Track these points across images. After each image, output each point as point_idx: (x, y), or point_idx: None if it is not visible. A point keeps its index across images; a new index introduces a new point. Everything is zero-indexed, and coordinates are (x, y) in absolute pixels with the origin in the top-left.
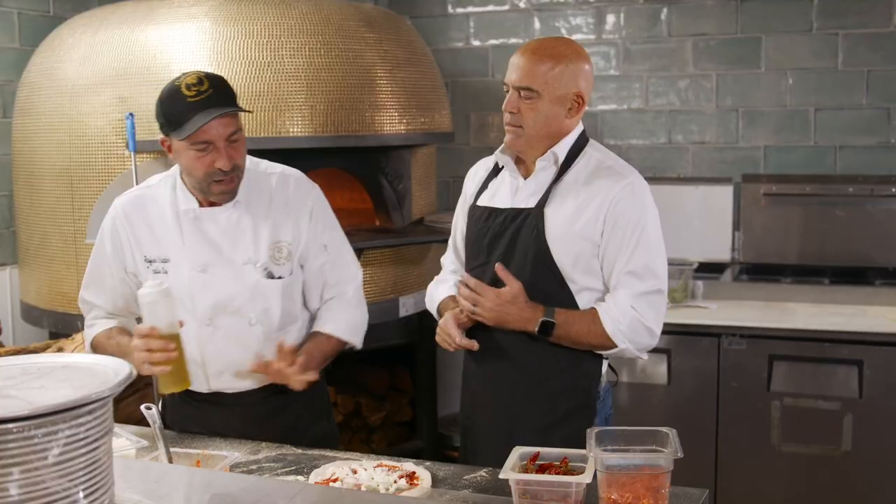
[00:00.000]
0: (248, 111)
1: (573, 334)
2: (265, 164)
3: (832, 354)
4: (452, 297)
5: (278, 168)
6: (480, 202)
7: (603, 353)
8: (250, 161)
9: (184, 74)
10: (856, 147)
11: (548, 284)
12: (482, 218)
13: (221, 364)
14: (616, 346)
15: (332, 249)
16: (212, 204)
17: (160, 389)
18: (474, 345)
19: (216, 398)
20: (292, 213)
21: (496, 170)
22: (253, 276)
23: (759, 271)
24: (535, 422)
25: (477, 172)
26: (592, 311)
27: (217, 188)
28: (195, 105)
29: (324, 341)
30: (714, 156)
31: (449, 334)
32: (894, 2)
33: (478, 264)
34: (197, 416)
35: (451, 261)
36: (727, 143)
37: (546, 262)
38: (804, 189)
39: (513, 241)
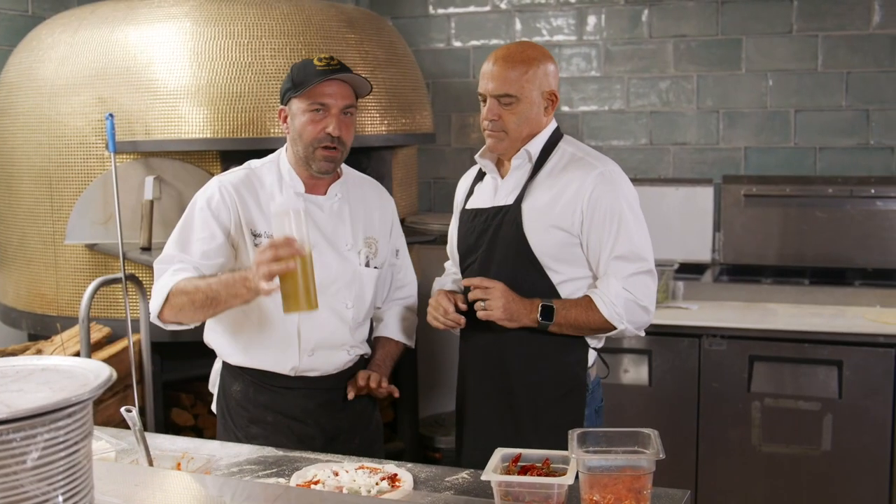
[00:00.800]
0: (371, 86)
1: (572, 319)
2: (351, 169)
3: (812, 355)
4: (449, 291)
5: (363, 175)
6: (468, 206)
7: (603, 336)
8: (343, 166)
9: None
10: (835, 148)
11: (530, 277)
12: (469, 220)
13: (315, 342)
14: (616, 328)
15: (402, 255)
16: (313, 192)
17: (285, 310)
18: (461, 320)
19: (297, 383)
20: (379, 215)
21: (481, 175)
22: (354, 262)
23: (740, 272)
24: (526, 410)
25: (464, 181)
26: (587, 298)
27: (321, 154)
28: (322, 71)
29: (393, 347)
30: (694, 157)
31: (442, 305)
32: (873, 4)
33: (469, 263)
34: (274, 403)
35: (450, 265)
36: (708, 145)
37: (526, 255)
38: (784, 190)
39: (494, 238)
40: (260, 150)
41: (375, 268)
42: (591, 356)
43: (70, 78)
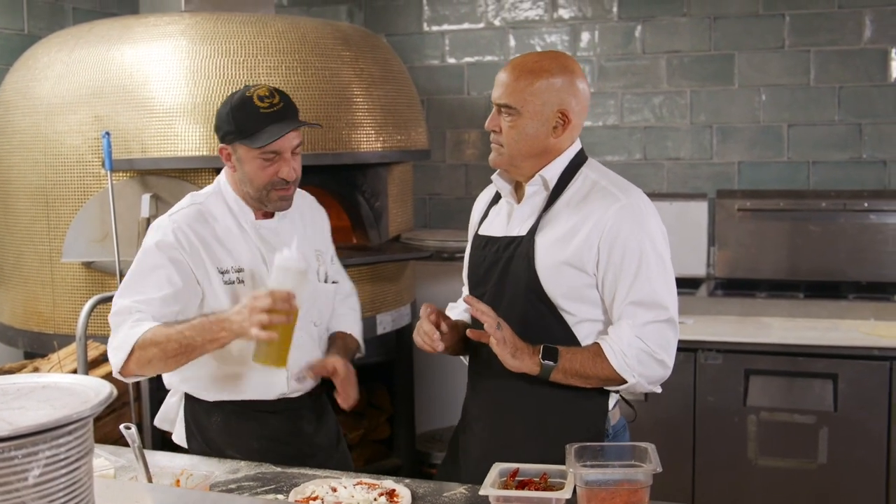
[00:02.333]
0: (320, 126)
1: (578, 366)
2: None
3: (807, 368)
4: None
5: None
6: (481, 231)
7: (614, 388)
8: None
9: (253, 86)
10: (828, 162)
11: (542, 317)
12: (480, 247)
13: (298, 366)
14: (626, 381)
15: (336, 261)
16: (264, 216)
17: (255, 359)
18: (435, 335)
19: (279, 406)
20: (318, 226)
21: (498, 196)
22: (313, 280)
23: (735, 286)
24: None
25: (480, 200)
26: (595, 346)
27: (276, 195)
28: (269, 116)
29: (350, 340)
30: (688, 171)
31: (423, 325)
32: (864, 19)
33: (477, 295)
34: (258, 429)
35: (466, 288)
36: (701, 159)
37: (538, 294)
38: (778, 204)
39: (505, 272)
40: None
41: (334, 282)
42: (612, 399)
43: (66, 96)
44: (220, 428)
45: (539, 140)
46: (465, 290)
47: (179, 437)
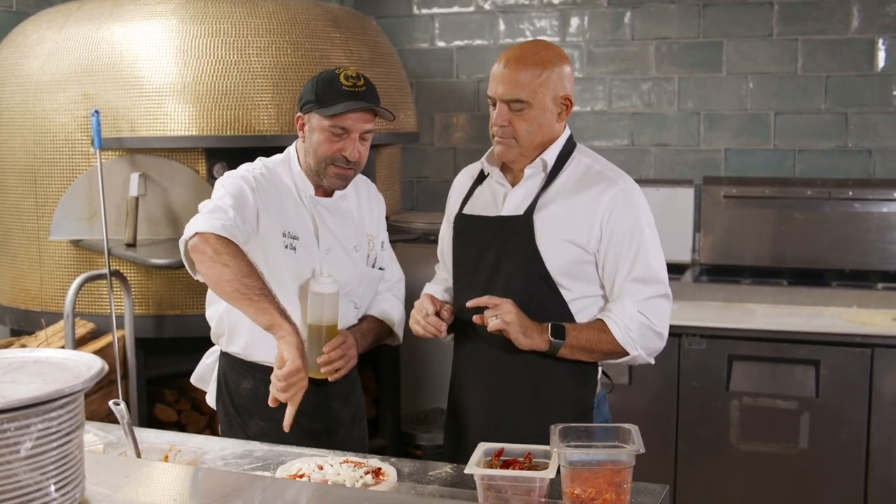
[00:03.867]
0: (393, 117)
1: (584, 341)
2: None
3: (790, 354)
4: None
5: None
6: (466, 211)
7: (615, 361)
8: None
9: (343, 68)
10: (814, 151)
11: (541, 293)
12: (470, 227)
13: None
14: (628, 354)
15: (387, 247)
16: (324, 193)
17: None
18: (441, 326)
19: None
20: (374, 212)
21: (481, 177)
22: (361, 263)
23: (719, 272)
24: (529, 435)
25: (461, 180)
26: (599, 321)
27: (334, 172)
28: (348, 93)
29: (379, 326)
30: (675, 158)
31: (424, 307)
32: (852, 9)
33: (467, 273)
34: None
35: (441, 271)
36: (688, 146)
37: (538, 271)
38: (764, 191)
39: (502, 251)
40: (245, 147)
41: (380, 269)
42: (598, 373)
43: (56, 74)
44: (251, 395)
45: (549, 128)
46: (440, 270)
47: (211, 398)
